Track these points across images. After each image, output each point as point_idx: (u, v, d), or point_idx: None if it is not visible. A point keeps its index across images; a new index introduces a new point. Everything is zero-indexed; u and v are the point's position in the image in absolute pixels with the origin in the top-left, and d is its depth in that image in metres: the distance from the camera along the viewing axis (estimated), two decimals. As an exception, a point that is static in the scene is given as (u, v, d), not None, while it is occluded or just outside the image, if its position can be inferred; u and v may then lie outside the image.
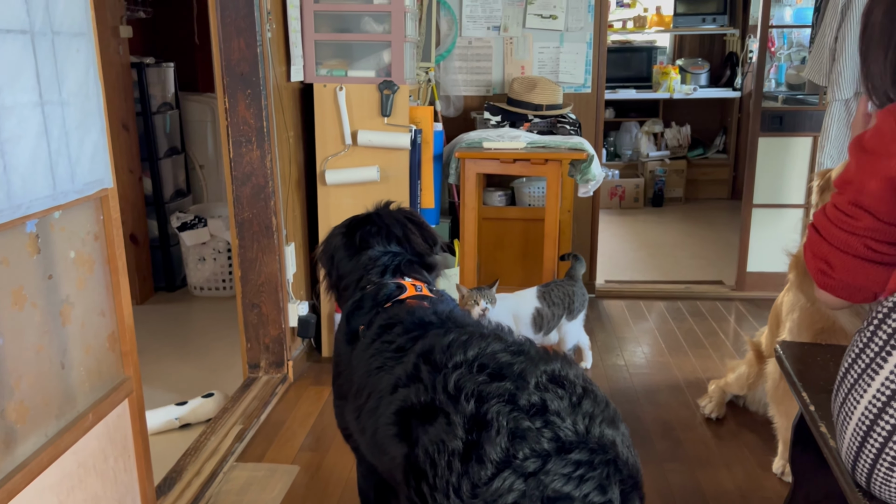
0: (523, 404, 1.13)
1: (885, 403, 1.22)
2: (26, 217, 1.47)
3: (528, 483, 1.06)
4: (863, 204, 1.32)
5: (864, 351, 1.28)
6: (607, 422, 1.15)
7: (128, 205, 4.04)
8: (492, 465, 1.08)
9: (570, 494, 1.06)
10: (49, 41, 1.52)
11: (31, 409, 1.52)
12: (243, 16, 2.66)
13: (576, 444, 1.10)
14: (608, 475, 1.09)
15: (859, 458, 1.27)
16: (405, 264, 1.76)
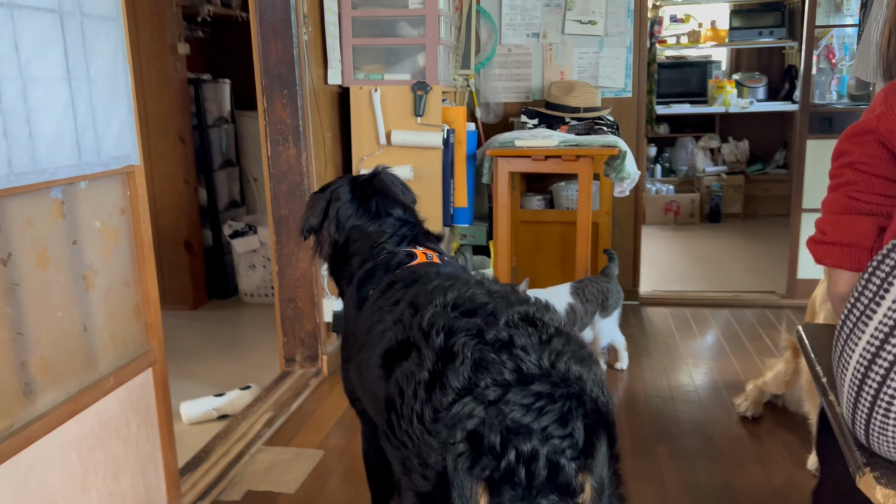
0: (490, 338, 1.15)
1: (878, 348, 1.18)
2: (51, 182, 1.57)
3: (489, 411, 1.07)
4: (846, 162, 1.37)
5: (858, 300, 1.26)
6: (576, 359, 1.15)
7: (183, 213, 4.21)
8: (453, 392, 1.09)
9: (529, 426, 1.06)
10: (78, 22, 1.64)
11: (52, 365, 1.60)
12: (280, 19, 2.78)
13: (538, 376, 1.10)
14: (570, 409, 1.08)
15: (856, 411, 1.23)
16: (422, 235, 1.78)
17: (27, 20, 1.48)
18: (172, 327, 3.98)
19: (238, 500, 2.18)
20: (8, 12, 1.43)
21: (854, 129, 1.39)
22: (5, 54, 1.43)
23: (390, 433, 1.20)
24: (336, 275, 1.85)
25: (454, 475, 1.07)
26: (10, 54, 1.44)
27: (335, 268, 1.84)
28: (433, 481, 1.10)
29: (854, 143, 1.38)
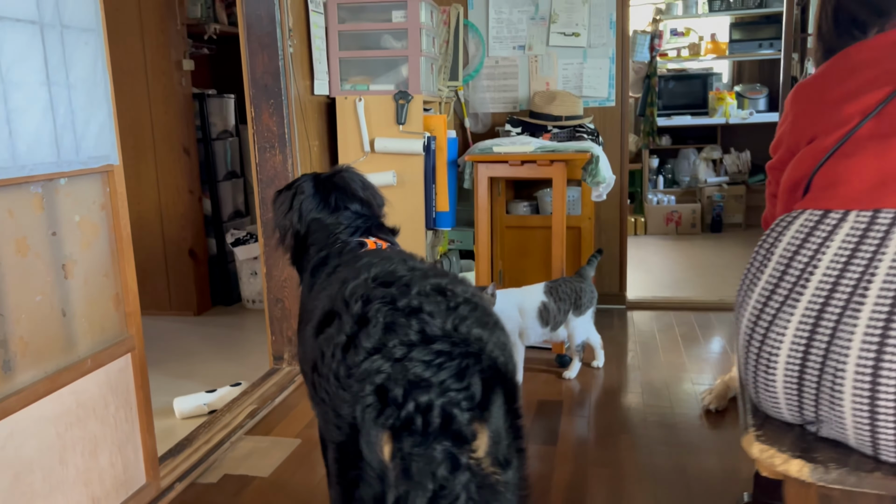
0: (402, 305, 1.27)
1: (760, 311, 1.31)
2: (30, 178, 1.72)
3: (394, 367, 1.19)
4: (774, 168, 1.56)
5: (751, 264, 1.39)
6: (479, 323, 1.26)
7: (188, 223, 4.39)
8: (364, 352, 1.21)
9: (428, 379, 1.17)
10: (58, 33, 1.80)
11: (31, 345, 1.75)
12: (266, 33, 2.94)
13: (440, 337, 1.22)
14: (467, 366, 1.20)
15: (747, 371, 1.35)
16: (375, 227, 1.92)
17: (8, 30, 1.64)
18: (177, 331, 4.15)
19: (215, 483, 2.31)
20: (-11, 23, 1.60)
21: (773, 163, 1.56)
22: (-14, 61, 1.59)
23: (313, 392, 1.33)
24: (297, 265, 1.98)
25: (362, 424, 1.19)
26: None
27: (296, 258, 1.96)
28: (346, 430, 1.22)
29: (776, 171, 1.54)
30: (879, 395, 1.14)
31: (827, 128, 1.37)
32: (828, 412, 1.23)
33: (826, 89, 1.41)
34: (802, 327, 1.24)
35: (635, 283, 4.60)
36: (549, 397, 2.92)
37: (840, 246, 1.24)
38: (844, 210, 1.26)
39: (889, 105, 1.31)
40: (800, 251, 1.28)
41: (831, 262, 1.23)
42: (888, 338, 1.14)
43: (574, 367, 3.10)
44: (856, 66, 1.38)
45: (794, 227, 1.32)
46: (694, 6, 6.38)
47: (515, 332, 2.96)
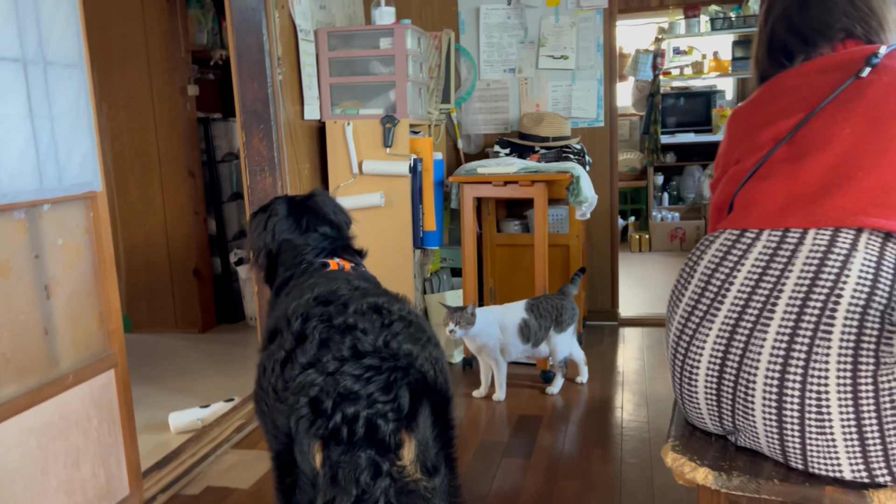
0: (337, 323, 1.36)
1: (683, 324, 1.38)
2: (13, 205, 1.85)
3: (326, 380, 1.27)
4: None
5: (676, 283, 1.46)
6: (411, 340, 1.35)
7: (192, 243, 4.52)
8: (299, 367, 1.30)
9: (357, 392, 1.26)
10: (41, 69, 1.93)
11: (13, 361, 1.86)
12: (256, 62, 3.07)
13: (370, 352, 1.30)
14: (395, 379, 1.28)
15: (673, 382, 1.42)
16: (341, 248, 2.01)
17: (-9, 68, 1.77)
18: (180, 348, 4.27)
19: (197, 494, 2.40)
20: (-27, 62, 1.72)
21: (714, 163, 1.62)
22: (-30, 97, 1.72)
23: (256, 405, 1.42)
24: (269, 283, 2.07)
25: (296, 434, 1.28)
26: (-25, 97, 1.73)
27: (268, 276, 2.06)
28: (282, 440, 1.31)
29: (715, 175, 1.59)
30: (785, 404, 1.21)
31: (747, 151, 1.45)
32: (742, 422, 1.29)
33: (752, 114, 1.48)
34: (719, 341, 1.31)
35: (635, 300, 4.65)
36: (530, 412, 2.98)
37: (753, 263, 1.30)
38: (758, 229, 1.33)
39: (801, 130, 1.38)
40: (719, 268, 1.35)
41: (745, 279, 1.30)
42: (792, 350, 1.20)
43: (557, 382, 3.16)
44: (779, 93, 1.45)
45: (714, 245, 1.39)
46: (696, 25, 6.44)
47: (497, 349, 3.03)
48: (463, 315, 2.89)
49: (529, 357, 3.18)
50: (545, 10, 3.92)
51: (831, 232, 1.25)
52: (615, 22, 3.89)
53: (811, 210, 1.27)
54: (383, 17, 3.38)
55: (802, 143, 1.36)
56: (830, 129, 1.33)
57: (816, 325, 1.19)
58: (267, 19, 3.02)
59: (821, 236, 1.25)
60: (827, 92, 1.36)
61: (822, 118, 1.35)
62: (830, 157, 1.30)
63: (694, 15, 6.42)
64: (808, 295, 1.21)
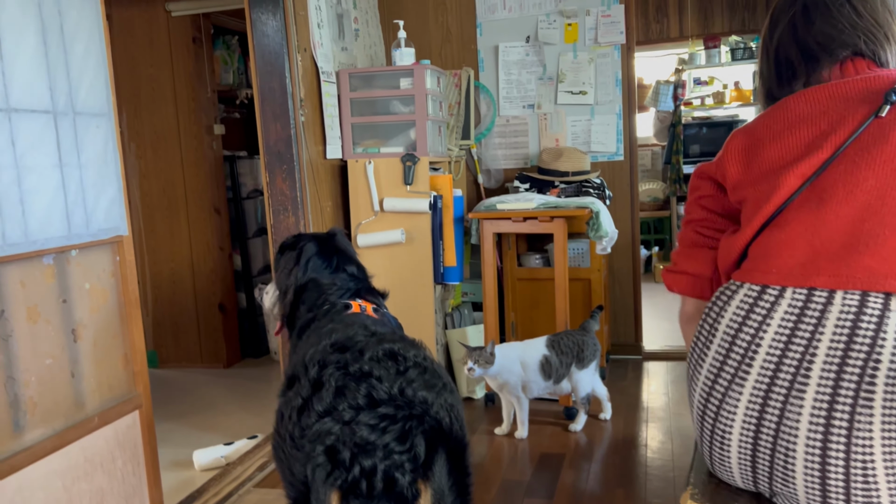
0: (353, 370, 1.37)
1: (710, 388, 1.33)
2: (42, 251, 1.90)
3: (343, 429, 1.29)
4: (696, 198, 1.53)
5: (696, 341, 1.41)
6: (426, 387, 1.36)
7: (217, 278, 4.59)
8: (316, 414, 1.32)
9: (374, 442, 1.27)
10: (70, 119, 1.99)
11: (40, 405, 1.90)
12: (279, 104, 3.13)
13: (386, 401, 1.31)
14: (410, 428, 1.29)
15: (702, 438, 1.37)
16: (365, 290, 2.02)
17: (24, 121, 1.84)
18: (204, 384, 4.31)
19: (219, 534, 2.42)
20: (6, 115, 1.79)
21: (700, 169, 1.54)
22: (2, 149, 1.78)
23: (274, 451, 1.44)
24: (290, 325, 2.08)
25: (313, 483, 1.29)
26: (7, 149, 1.79)
27: (290, 317, 2.07)
28: (300, 488, 1.32)
29: (701, 181, 1.53)
30: (829, 473, 1.16)
31: (763, 193, 1.37)
32: (781, 487, 1.24)
33: (763, 144, 1.39)
34: (752, 405, 1.25)
35: (659, 332, 4.61)
36: (552, 450, 2.96)
37: (780, 324, 1.24)
38: (781, 286, 1.27)
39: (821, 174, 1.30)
40: (742, 328, 1.29)
41: (773, 341, 1.24)
42: (833, 416, 1.15)
43: (580, 419, 3.14)
44: (792, 122, 1.36)
45: (735, 301, 1.33)
46: (716, 56, 6.45)
47: (518, 386, 3.02)
48: (482, 354, 2.89)
49: (552, 393, 3.17)
50: (563, 47, 3.96)
51: (860, 294, 1.19)
52: (633, 56, 3.92)
53: (837, 269, 1.22)
54: (403, 58, 3.44)
55: (822, 187, 1.29)
56: (853, 177, 1.26)
57: (857, 391, 1.14)
58: (290, 62, 3.09)
59: (850, 298, 1.20)
60: (846, 130, 1.30)
61: (843, 163, 1.28)
62: (853, 209, 1.24)
63: (714, 45, 6.44)
64: (844, 360, 1.17)
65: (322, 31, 3.34)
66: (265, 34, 3.09)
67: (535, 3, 3.97)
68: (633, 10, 3.89)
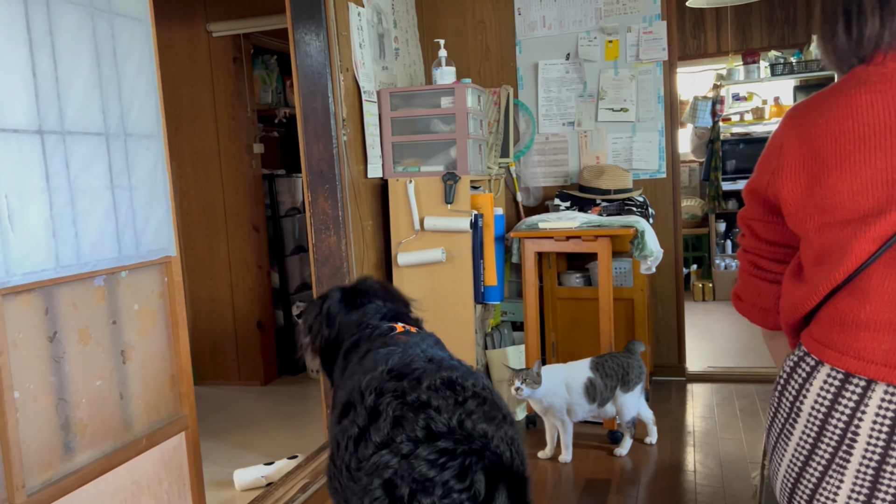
0: (411, 400, 1.34)
1: (801, 466, 1.22)
2: (93, 273, 1.90)
3: (401, 463, 1.26)
4: (748, 223, 1.36)
5: (779, 408, 1.28)
6: (486, 419, 1.32)
7: (256, 296, 4.60)
8: (373, 445, 1.29)
9: (433, 479, 1.24)
10: (122, 141, 2.00)
11: (90, 426, 1.90)
12: (322, 124, 3.14)
13: (445, 434, 1.28)
14: (470, 463, 1.25)
15: None
16: (399, 314, 2.00)
17: (77, 143, 1.85)
18: (242, 401, 4.31)
19: (263, 558, 2.39)
20: (60, 138, 1.80)
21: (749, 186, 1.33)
22: (57, 171, 1.79)
23: (329, 481, 1.41)
24: (327, 368, 2.03)
25: None
26: (62, 171, 1.80)
27: (326, 361, 2.02)
28: None
29: (750, 199, 1.33)
30: None
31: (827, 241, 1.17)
32: None
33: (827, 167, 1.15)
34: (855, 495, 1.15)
35: (700, 352, 4.53)
36: (598, 475, 2.89)
37: (875, 419, 1.12)
38: (867, 379, 1.12)
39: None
40: (832, 415, 1.16)
41: (872, 432, 1.12)
42: None
43: (625, 443, 3.07)
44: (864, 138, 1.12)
45: (816, 382, 1.19)
46: (755, 71, 6.36)
47: (563, 409, 2.96)
48: (529, 374, 2.85)
49: (595, 417, 3.11)
50: (604, 64, 3.93)
51: None
52: (675, 73, 3.87)
53: None
54: (444, 77, 3.43)
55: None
56: None
57: None
58: (332, 82, 3.09)
59: None
60: None
61: None
62: None
63: (753, 61, 6.36)
64: None
65: (364, 50, 3.35)
66: (308, 54, 3.10)
67: (575, 20, 3.94)
68: (674, 27, 3.85)
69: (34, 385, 1.74)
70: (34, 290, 1.75)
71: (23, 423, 1.70)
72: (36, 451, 1.74)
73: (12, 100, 1.67)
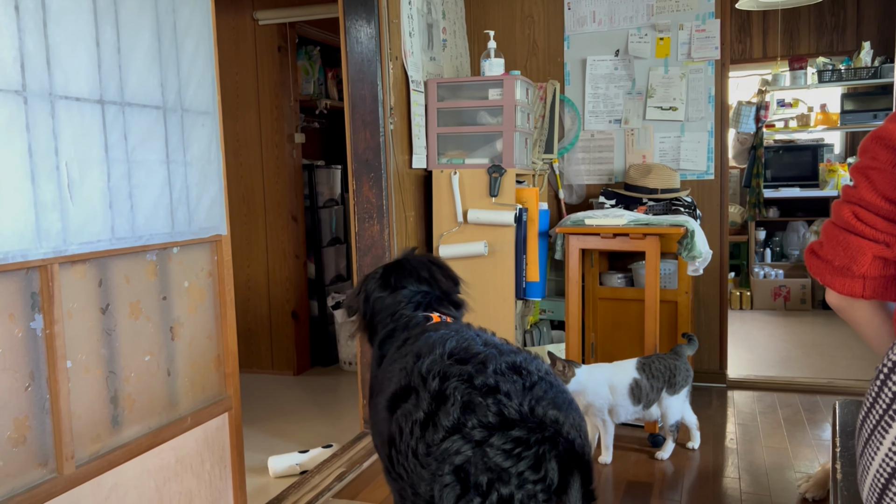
0: (478, 384, 1.30)
1: (889, 476, 1.17)
2: (147, 247, 1.89)
3: (475, 451, 1.22)
4: (865, 171, 1.27)
5: (873, 407, 1.24)
6: (554, 405, 1.28)
7: (292, 286, 4.59)
8: (443, 430, 1.25)
9: (508, 469, 1.20)
10: (178, 116, 1.99)
11: (137, 402, 1.89)
12: (370, 111, 3.11)
13: (518, 421, 1.24)
14: (543, 452, 1.21)
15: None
16: (435, 300, 1.94)
17: (135, 115, 1.84)
18: (276, 390, 4.31)
19: (300, 544, 2.36)
20: (120, 109, 1.79)
21: (877, 130, 1.27)
22: (116, 142, 1.78)
23: (390, 467, 1.37)
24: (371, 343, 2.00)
25: (440, 503, 1.22)
26: (120, 142, 1.79)
27: (370, 337, 1.99)
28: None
29: (876, 145, 1.27)
30: None
31: None
32: None
33: None
34: None
35: (738, 361, 4.43)
36: (639, 478, 2.83)
37: None
38: None
39: None
40: None
41: None
42: None
43: (668, 447, 3.00)
44: None
45: None
46: (802, 77, 6.24)
47: (605, 410, 2.91)
48: (569, 367, 2.80)
49: (638, 419, 3.04)
50: (654, 62, 3.86)
51: None
52: (728, 73, 3.79)
53: None
54: (493, 69, 3.39)
55: None
56: None
57: None
58: (382, 70, 3.07)
59: None
60: None
61: None
62: None
63: (800, 67, 6.23)
64: None
65: (413, 39, 3.32)
66: (358, 41, 3.08)
67: (626, 16, 3.88)
68: (728, 26, 3.77)
69: (86, 356, 1.73)
70: (89, 261, 1.74)
71: (74, 394, 1.69)
72: (86, 422, 1.73)
73: (76, 68, 1.66)
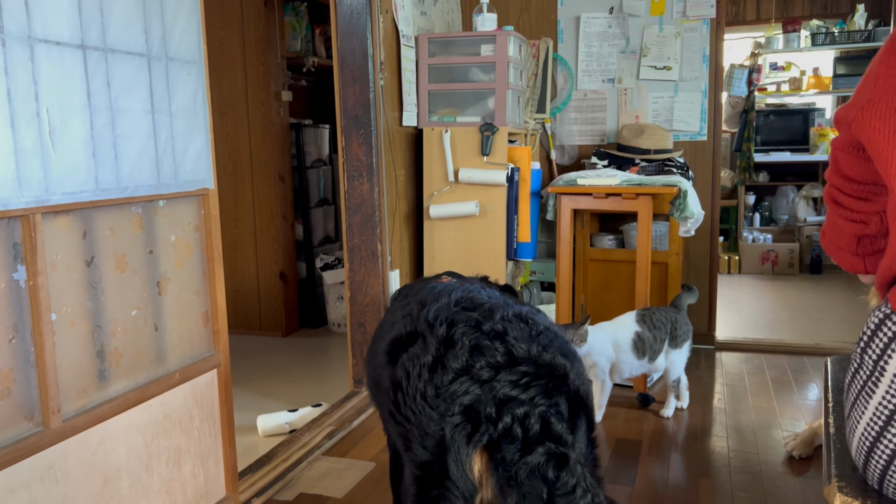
0: (486, 329, 1.28)
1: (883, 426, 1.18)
2: (131, 199, 1.84)
3: (483, 388, 1.20)
4: (834, 153, 1.32)
5: (858, 370, 1.25)
6: (561, 352, 1.26)
7: (279, 247, 4.55)
8: (452, 372, 1.24)
9: (517, 397, 1.19)
10: (163, 64, 1.93)
11: (125, 356, 1.85)
12: (359, 66, 3.04)
13: (526, 360, 1.23)
14: (554, 385, 1.20)
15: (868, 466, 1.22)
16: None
17: (119, 62, 1.77)
18: (264, 351, 4.29)
19: (290, 500, 2.36)
20: (102, 56, 1.73)
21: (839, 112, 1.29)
22: (98, 89, 1.72)
23: (395, 411, 1.34)
24: None
25: (451, 442, 1.20)
26: (103, 90, 1.73)
27: None
28: (431, 449, 1.24)
29: (837, 127, 1.30)
30: None
31: None
32: None
33: None
34: None
35: (726, 324, 4.45)
36: (629, 436, 2.84)
37: None
38: None
39: None
40: None
41: None
42: None
43: (670, 404, 3.01)
44: None
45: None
46: (795, 40, 6.19)
47: (607, 369, 2.89)
48: (578, 331, 2.78)
49: (630, 379, 3.04)
50: (648, 20, 3.80)
51: None
52: (723, 32, 3.74)
53: None
54: (485, 24, 3.32)
55: None
56: None
57: None
58: (372, 24, 2.99)
59: None
60: None
61: None
62: None
63: (793, 30, 6.18)
64: None
65: (404, -7, 3.24)
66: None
67: (621, -28, 3.80)
68: (724, -17, 3.71)
69: (71, 309, 1.69)
70: (73, 212, 1.69)
71: (59, 347, 1.66)
72: (71, 376, 1.70)
73: (55, 10, 1.60)
